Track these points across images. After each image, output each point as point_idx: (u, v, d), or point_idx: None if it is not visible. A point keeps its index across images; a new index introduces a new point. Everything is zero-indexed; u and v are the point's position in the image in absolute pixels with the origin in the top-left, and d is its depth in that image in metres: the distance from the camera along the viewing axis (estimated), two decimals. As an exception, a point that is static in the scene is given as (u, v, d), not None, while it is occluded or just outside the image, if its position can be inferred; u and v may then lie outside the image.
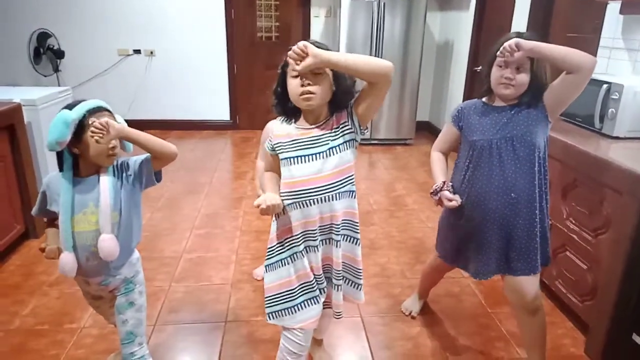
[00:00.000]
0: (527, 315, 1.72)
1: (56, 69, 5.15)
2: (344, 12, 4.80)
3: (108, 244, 1.41)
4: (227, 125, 5.74)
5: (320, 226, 1.43)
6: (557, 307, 2.31)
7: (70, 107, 1.39)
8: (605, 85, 2.14)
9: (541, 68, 1.58)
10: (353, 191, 1.45)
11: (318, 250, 1.45)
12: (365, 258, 2.73)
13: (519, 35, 1.57)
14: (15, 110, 2.71)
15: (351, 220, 1.47)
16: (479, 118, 1.68)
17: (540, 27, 3.50)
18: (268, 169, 1.52)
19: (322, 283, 1.51)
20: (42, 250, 1.51)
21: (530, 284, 1.68)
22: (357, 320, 2.21)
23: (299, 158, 1.38)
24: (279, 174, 1.46)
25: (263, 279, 2.12)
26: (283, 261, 1.47)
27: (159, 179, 1.54)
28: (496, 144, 1.62)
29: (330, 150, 1.38)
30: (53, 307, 2.25)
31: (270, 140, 1.45)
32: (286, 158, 1.40)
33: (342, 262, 1.49)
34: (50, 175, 1.50)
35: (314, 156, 1.38)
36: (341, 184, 1.40)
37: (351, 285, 1.57)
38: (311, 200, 1.39)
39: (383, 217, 3.34)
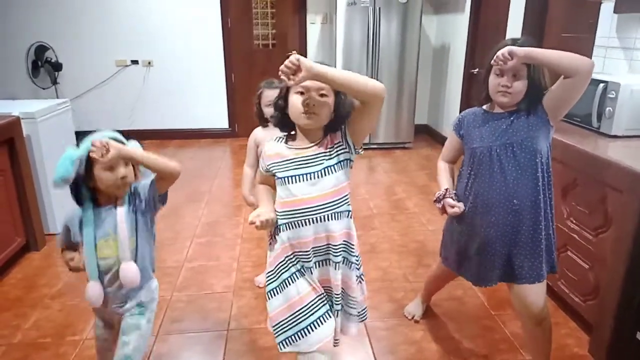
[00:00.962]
0: (533, 324, 1.71)
1: (54, 82, 5.18)
2: (339, 18, 4.82)
3: (128, 272, 1.44)
4: (226, 133, 5.75)
5: (313, 247, 1.40)
6: (560, 307, 2.30)
7: (81, 143, 1.40)
8: (601, 84, 2.15)
9: (538, 73, 1.56)
10: (349, 211, 1.43)
11: (312, 272, 1.42)
12: (366, 262, 2.74)
13: (514, 41, 1.55)
14: (14, 124, 2.71)
15: (348, 242, 1.44)
16: (479, 126, 1.68)
17: (535, 28, 3.52)
18: (262, 182, 1.51)
19: (328, 300, 1.46)
20: (71, 259, 1.49)
21: (535, 292, 1.67)
22: (359, 325, 2.19)
23: (294, 177, 1.37)
24: (274, 188, 1.46)
25: (265, 286, 2.11)
26: (287, 282, 1.42)
27: (164, 202, 1.54)
28: (496, 151, 1.61)
29: (325, 169, 1.36)
30: (55, 319, 2.25)
31: (263, 160, 1.45)
32: (281, 178, 1.38)
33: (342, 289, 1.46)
34: (71, 212, 1.49)
35: (308, 175, 1.36)
36: (337, 204, 1.38)
37: (344, 314, 1.51)
38: (305, 220, 1.37)
39: (384, 221, 3.34)
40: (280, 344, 1.44)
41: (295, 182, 1.36)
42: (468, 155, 1.72)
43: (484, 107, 1.72)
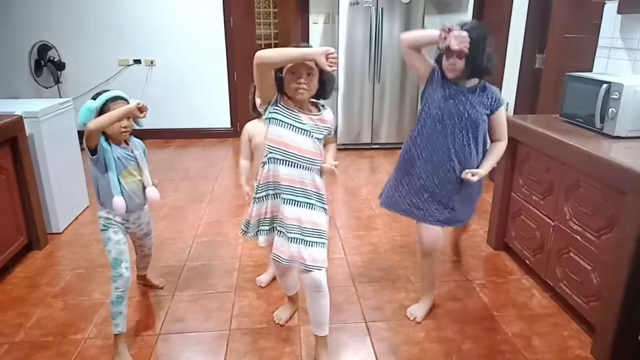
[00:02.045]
0: (421, 255, 2.20)
1: (57, 81, 5.19)
2: (342, 18, 4.82)
3: (153, 192, 2.05)
4: (229, 132, 5.75)
5: (287, 186, 1.73)
6: (562, 308, 2.30)
7: (95, 97, 1.89)
8: (605, 85, 2.14)
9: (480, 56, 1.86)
10: (319, 169, 1.78)
11: (266, 200, 1.81)
12: (368, 263, 2.75)
13: (461, 25, 1.84)
14: (17, 123, 2.72)
15: (316, 192, 1.78)
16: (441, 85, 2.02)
17: (538, 28, 3.51)
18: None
19: (268, 226, 1.83)
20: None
21: (426, 229, 2.15)
22: (361, 325, 2.20)
23: (288, 125, 1.70)
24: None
25: (266, 285, 2.55)
26: (261, 199, 1.82)
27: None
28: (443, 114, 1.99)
29: (312, 135, 1.73)
30: (57, 318, 2.25)
31: (277, 100, 1.72)
32: (280, 120, 1.70)
33: (304, 226, 1.75)
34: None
35: (299, 130, 1.71)
36: (308, 160, 1.73)
37: (305, 244, 1.77)
38: (283, 161, 1.72)
39: (385, 222, 3.33)
40: (243, 234, 1.93)
41: (287, 129, 1.70)
42: (423, 110, 2.05)
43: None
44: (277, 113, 1.71)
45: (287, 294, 2.23)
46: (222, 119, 5.73)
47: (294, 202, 1.75)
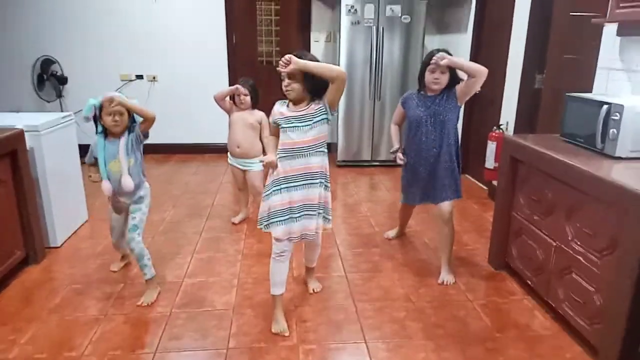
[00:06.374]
0: (441, 224, 2.74)
1: (59, 95, 5.21)
2: (343, 37, 4.87)
3: (125, 181, 2.35)
4: (229, 148, 5.75)
5: (301, 174, 2.11)
6: (564, 330, 2.27)
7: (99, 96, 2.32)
8: (605, 106, 2.15)
9: (455, 72, 2.56)
10: (325, 152, 2.16)
11: (297, 190, 2.13)
12: (368, 281, 2.72)
13: (438, 50, 2.52)
14: (18, 136, 2.72)
15: (323, 173, 2.17)
16: (415, 103, 2.70)
17: (537, 50, 3.54)
18: (272, 133, 2.26)
19: (297, 214, 2.15)
20: (89, 176, 2.51)
21: (445, 206, 2.69)
22: (361, 345, 2.17)
23: (292, 128, 2.09)
24: (277, 137, 2.20)
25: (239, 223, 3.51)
26: (272, 193, 2.14)
27: (147, 136, 2.47)
28: (424, 119, 2.65)
29: (311, 125, 2.07)
30: (52, 334, 2.22)
31: (273, 116, 2.18)
32: (283, 127, 2.11)
33: (319, 202, 2.17)
34: (94, 142, 2.40)
35: (300, 128, 2.07)
36: (316, 146, 2.11)
37: (323, 218, 2.24)
38: (297, 155, 2.10)
39: (386, 239, 3.31)
40: (261, 226, 2.20)
41: (293, 131, 2.09)
42: (408, 122, 2.76)
43: (421, 92, 2.69)
44: (282, 122, 2.12)
45: (276, 292, 2.26)
46: (222, 134, 5.71)
47: (305, 186, 2.12)
